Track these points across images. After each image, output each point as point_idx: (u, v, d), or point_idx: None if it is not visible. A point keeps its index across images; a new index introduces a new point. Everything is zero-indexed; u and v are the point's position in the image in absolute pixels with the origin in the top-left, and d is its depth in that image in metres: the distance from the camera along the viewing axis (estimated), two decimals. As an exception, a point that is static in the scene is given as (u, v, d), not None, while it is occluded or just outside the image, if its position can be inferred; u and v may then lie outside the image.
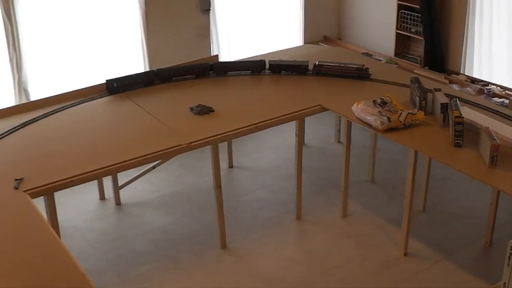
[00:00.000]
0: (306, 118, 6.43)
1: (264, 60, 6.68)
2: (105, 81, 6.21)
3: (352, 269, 5.75)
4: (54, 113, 5.82)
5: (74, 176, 4.78)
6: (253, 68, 6.66)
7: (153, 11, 7.40)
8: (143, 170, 6.54)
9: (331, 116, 7.18)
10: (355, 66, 6.53)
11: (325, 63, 6.56)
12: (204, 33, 7.87)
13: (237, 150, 7.53)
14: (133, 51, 7.51)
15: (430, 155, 5.48)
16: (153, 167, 6.53)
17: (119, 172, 5.34)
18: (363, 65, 6.51)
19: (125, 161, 5.01)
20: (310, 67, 6.63)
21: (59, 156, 5.10)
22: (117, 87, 6.20)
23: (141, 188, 6.93)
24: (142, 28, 7.41)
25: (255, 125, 5.65)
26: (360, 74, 6.49)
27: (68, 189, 4.85)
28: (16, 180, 4.65)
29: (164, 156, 5.36)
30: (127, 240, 6.18)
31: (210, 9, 7.81)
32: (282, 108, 5.90)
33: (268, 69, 6.68)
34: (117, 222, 6.48)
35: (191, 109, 5.82)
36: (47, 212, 4.76)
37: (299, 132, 6.09)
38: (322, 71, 6.54)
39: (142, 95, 6.20)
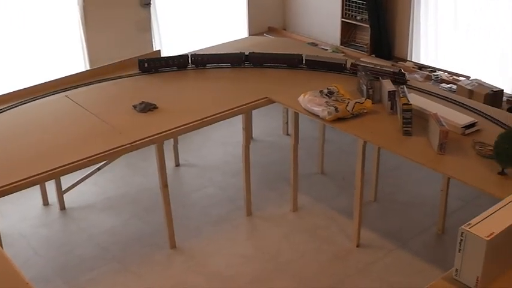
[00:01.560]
0: (253, 111, 6.33)
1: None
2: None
3: (305, 263, 5.67)
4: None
5: (17, 182, 4.58)
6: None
7: (92, 7, 7.21)
8: (88, 172, 6.37)
9: (279, 108, 7.08)
10: (391, 70, 6.08)
11: (361, 64, 6.15)
12: (145, 27, 7.70)
13: (184, 147, 7.40)
14: (72, 48, 7.31)
15: (379, 144, 5.41)
16: (98, 169, 6.37)
17: (62, 175, 5.14)
18: (400, 69, 6.11)
19: (68, 164, 4.82)
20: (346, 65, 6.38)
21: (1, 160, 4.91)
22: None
23: (86, 190, 6.74)
24: (81, 25, 7.22)
25: (200, 121, 5.50)
26: (397, 79, 5.94)
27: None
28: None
29: (108, 157, 5.19)
30: (74, 245, 6.00)
31: (150, 3, 7.63)
32: (228, 103, 5.78)
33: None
34: (62, 228, 6.28)
35: (134, 107, 5.66)
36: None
37: (246, 126, 5.97)
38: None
39: (79, 93, 6.02)
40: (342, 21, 8.37)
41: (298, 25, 9.15)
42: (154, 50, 7.54)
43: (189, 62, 6.50)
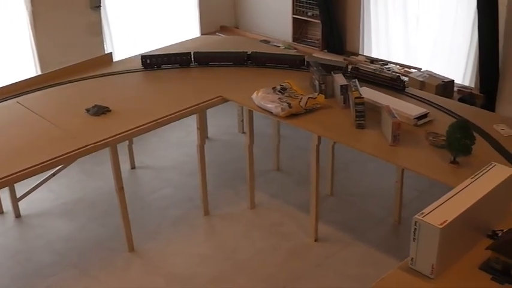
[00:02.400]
0: (208, 111, 6.31)
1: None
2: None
3: (264, 260, 5.67)
4: None
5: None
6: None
7: (41, 11, 7.09)
8: (43, 179, 6.27)
9: (233, 106, 7.08)
10: (389, 76, 5.94)
11: (361, 68, 6.12)
12: (95, 31, 7.63)
13: (139, 149, 7.36)
14: (23, 53, 7.21)
15: (333, 138, 5.44)
16: (53, 174, 6.29)
17: (16, 183, 5.06)
18: (398, 75, 5.99)
19: (22, 171, 4.74)
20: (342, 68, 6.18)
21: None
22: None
23: (42, 197, 6.64)
24: (30, 29, 7.11)
25: (154, 122, 5.47)
26: (394, 85, 5.83)
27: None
28: None
29: (62, 162, 5.12)
30: (31, 252, 5.90)
31: (100, 6, 7.55)
32: (182, 103, 5.75)
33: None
34: (18, 235, 6.19)
35: (87, 110, 5.61)
36: None
37: (200, 125, 5.95)
38: (358, 76, 5.95)
39: (31, 99, 5.94)
40: (293, 17, 8.39)
41: (250, 23, 9.15)
42: (105, 52, 7.48)
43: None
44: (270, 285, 5.38)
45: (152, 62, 6.47)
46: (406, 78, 6.81)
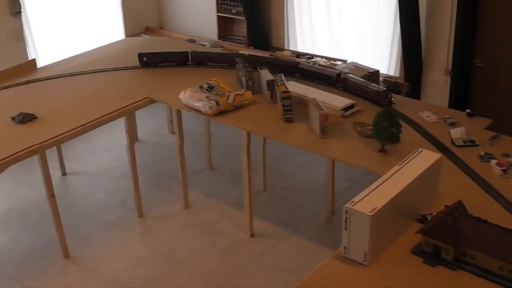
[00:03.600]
0: (136, 112, 6.27)
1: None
2: None
3: (200, 259, 5.68)
4: None
5: None
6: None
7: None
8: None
9: (162, 107, 7.06)
10: (375, 90, 5.44)
11: (350, 80, 5.68)
12: (17, 37, 7.50)
13: (69, 156, 7.27)
14: None
15: (262, 133, 5.47)
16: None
17: None
18: (385, 89, 5.51)
19: None
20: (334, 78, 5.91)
21: None
22: None
23: (-29, 209, 6.54)
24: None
25: (82, 127, 5.39)
26: (379, 100, 5.36)
27: None
28: None
29: (-10, 171, 5.02)
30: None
31: (21, 11, 7.43)
32: (109, 106, 5.69)
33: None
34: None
35: (13, 118, 5.51)
36: None
37: (129, 128, 5.92)
38: (348, 87, 5.66)
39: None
40: (218, 15, 8.41)
41: (175, 23, 9.12)
42: (29, 59, 7.36)
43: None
44: (208, 283, 5.39)
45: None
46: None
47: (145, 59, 6.42)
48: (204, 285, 5.37)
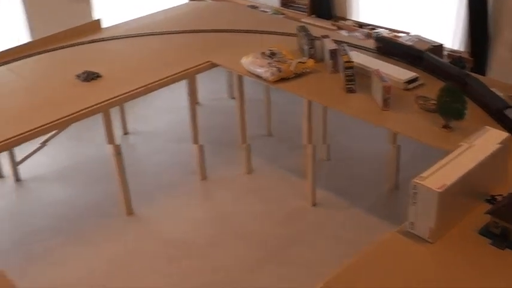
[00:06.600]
0: (197, 76, 6.30)
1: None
2: None
3: (260, 225, 5.71)
4: None
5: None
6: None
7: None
8: (38, 144, 6.32)
9: (221, 71, 7.07)
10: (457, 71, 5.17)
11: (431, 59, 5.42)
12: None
13: (130, 115, 7.36)
14: (13, 20, 7.21)
15: (323, 102, 5.42)
16: (46, 140, 6.30)
17: (16, 146, 4.99)
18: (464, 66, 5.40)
19: (19, 135, 4.73)
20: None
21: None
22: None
23: (38, 162, 6.68)
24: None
25: (145, 87, 5.44)
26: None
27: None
28: None
29: (57, 127, 5.08)
30: (29, 216, 5.96)
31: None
32: (171, 68, 5.72)
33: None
34: (17, 200, 6.25)
35: (78, 76, 5.59)
36: None
37: (191, 91, 5.95)
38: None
39: (22, 65, 5.92)
40: (281, -18, 8.37)
41: (237, -12, 9.09)
42: (93, 19, 7.42)
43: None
44: (265, 249, 5.41)
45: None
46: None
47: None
48: (261, 251, 5.40)
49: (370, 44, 6.02)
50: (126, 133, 7.24)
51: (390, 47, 5.82)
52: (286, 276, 5.11)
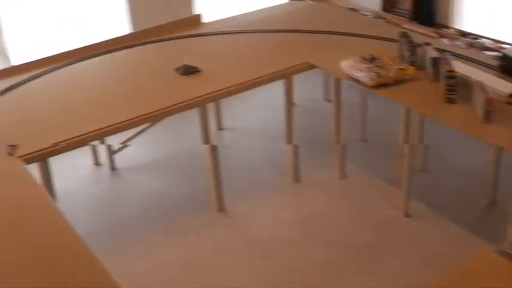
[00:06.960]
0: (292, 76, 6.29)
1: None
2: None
3: (348, 230, 5.64)
4: (38, 77, 5.65)
5: (67, 140, 4.57)
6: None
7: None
8: (132, 134, 6.40)
9: (316, 73, 7.04)
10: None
11: None
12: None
13: (224, 112, 7.41)
14: (116, 12, 7.37)
15: (422, 111, 5.32)
16: (141, 131, 6.39)
17: (113, 134, 5.01)
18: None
19: (115, 124, 4.81)
20: None
21: (49, 120, 4.90)
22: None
23: (133, 152, 6.81)
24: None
25: (241, 84, 5.45)
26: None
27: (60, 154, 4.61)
28: (9, 146, 4.46)
29: (153, 119, 5.16)
30: (121, 205, 6.09)
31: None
32: (269, 67, 5.72)
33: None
34: (111, 187, 6.40)
35: (176, 70, 5.66)
36: (41, 178, 4.56)
37: (288, 91, 5.94)
38: None
39: (123, 55, 6.07)
40: (385, -14, 8.28)
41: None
42: (193, 14, 7.50)
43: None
44: (350, 255, 5.35)
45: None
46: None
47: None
48: (344, 256, 5.33)
49: (473, 53, 5.86)
50: (220, 128, 7.29)
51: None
52: (365, 284, 5.01)
